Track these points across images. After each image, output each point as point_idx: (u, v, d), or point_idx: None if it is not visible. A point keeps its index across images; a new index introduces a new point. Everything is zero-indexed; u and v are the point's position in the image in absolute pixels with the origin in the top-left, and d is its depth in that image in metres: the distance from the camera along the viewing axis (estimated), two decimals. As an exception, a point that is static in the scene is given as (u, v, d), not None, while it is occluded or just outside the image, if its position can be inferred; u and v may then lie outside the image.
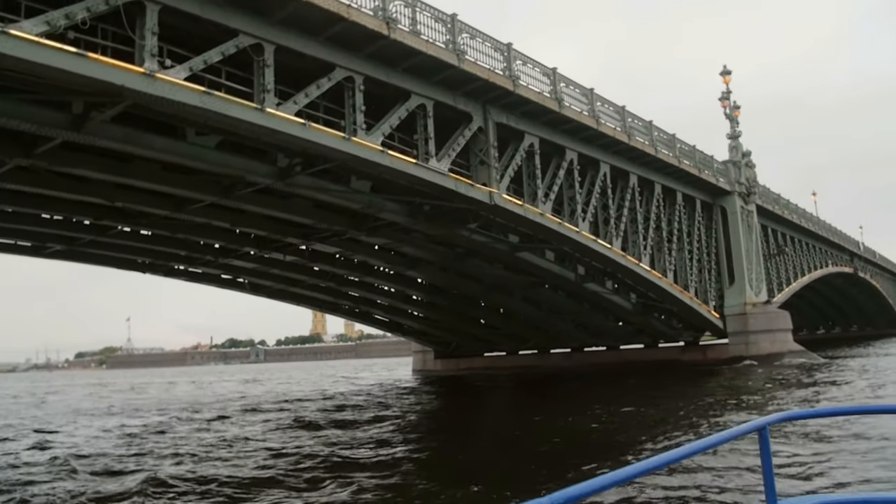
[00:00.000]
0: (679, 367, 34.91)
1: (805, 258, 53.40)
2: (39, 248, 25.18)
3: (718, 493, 8.19)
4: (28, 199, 19.57)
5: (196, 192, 19.53)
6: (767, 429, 3.27)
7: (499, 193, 21.42)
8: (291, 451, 13.24)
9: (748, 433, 3.18)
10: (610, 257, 27.33)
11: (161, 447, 14.82)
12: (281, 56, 15.84)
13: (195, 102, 13.79)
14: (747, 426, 3.18)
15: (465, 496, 9.00)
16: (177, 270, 30.76)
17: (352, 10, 16.12)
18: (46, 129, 14.52)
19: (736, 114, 40.13)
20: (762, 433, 3.25)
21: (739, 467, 9.18)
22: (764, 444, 3.26)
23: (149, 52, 13.11)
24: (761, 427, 3.23)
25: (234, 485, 10.12)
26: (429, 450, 14.20)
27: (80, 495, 9.71)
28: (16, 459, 13.71)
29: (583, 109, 25.12)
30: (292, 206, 21.82)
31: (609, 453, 11.55)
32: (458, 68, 19.26)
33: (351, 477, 10.16)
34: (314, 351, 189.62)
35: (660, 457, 2.48)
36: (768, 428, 3.28)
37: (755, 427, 3.21)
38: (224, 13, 14.46)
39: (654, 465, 2.44)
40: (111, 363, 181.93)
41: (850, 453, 10.04)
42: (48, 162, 16.40)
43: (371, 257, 28.60)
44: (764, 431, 3.26)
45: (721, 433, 2.97)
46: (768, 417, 3.34)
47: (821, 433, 11.46)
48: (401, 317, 40.83)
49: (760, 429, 3.23)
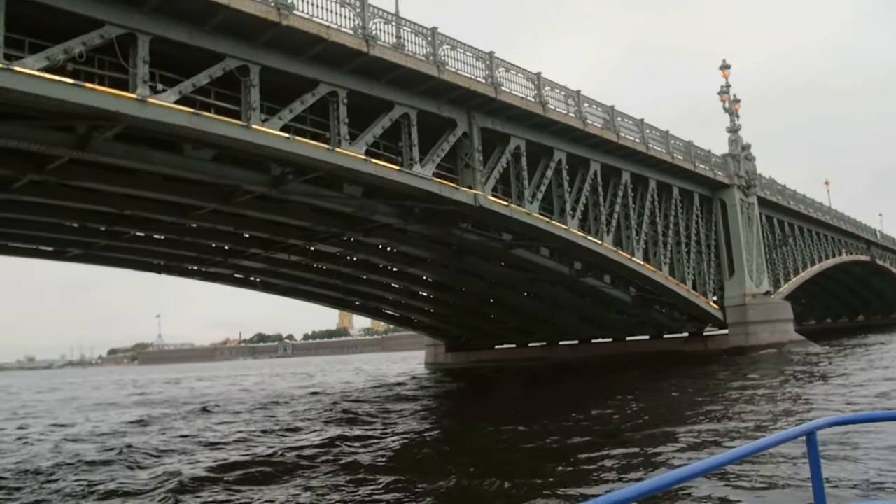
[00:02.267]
0: (678, 358, 35.71)
1: (815, 248, 53.54)
2: (59, 253, 26.92)
3: (761, 501, 7.75)
4: (45, 209, 21.17)
5: (198, 199, 20.97)
6: (816, 434, 3.16)
7: (484, 195, 22.54)
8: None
9: (796, 437, 3.10)
10: (600, 253, 28.30)
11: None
12: (267, 75, 17.14)
13: (184, 123, 15.15)
14: (795, 430, 3.10)
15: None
16: (190, 271, 32.40)
17: (331, 30, 17.35)
18: (54, 149, 16.02)
19: (736, 107, 40.65)
20: (810, 438, 3.13)
21: (782, 474, 8.62)
22: (812, 449, 3.13)
23: (141, 79, 14.49)
24: (810, 431, 3.12)
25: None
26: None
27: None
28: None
29: (569, 111, 26.09)
30: (290, 211, 23.17)
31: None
32: (438, 79, 20.41)
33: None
34: (341, 345, 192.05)
35: (704, 462, 2.45)
36: (817, 433, 3.16)
37: (803, 431, 3.11)
38: (211, 39, 15.79)
39: (698, 470, 2.39)
40: (142, 359, 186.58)
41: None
42: (59, 177, 17.91)
43: (372, 256, 29.89)
44: (812, 436, 3.14)
45: (768, 438, 2.94)
46: (817, 421, 3.22)
47: (869, 435, 10.34)
48: (410, 312, 42.16)
49: (809, 433, 3.12)
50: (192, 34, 15.48)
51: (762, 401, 16.45)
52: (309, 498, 9.14)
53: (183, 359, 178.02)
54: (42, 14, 13.58)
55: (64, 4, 13.56)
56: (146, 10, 14.57)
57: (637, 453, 10.65)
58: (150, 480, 10.61)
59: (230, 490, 9.67)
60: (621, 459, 10.32)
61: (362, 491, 9.28)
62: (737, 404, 16.18)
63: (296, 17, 16.55)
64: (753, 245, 38.46)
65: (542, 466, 10.16)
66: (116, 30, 14.22)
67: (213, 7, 15.11)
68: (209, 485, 10.00)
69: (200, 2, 14.87)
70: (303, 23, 16.72)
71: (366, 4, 18.43)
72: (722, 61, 40.15)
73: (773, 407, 15.18)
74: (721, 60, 40.31)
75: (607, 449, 11.07)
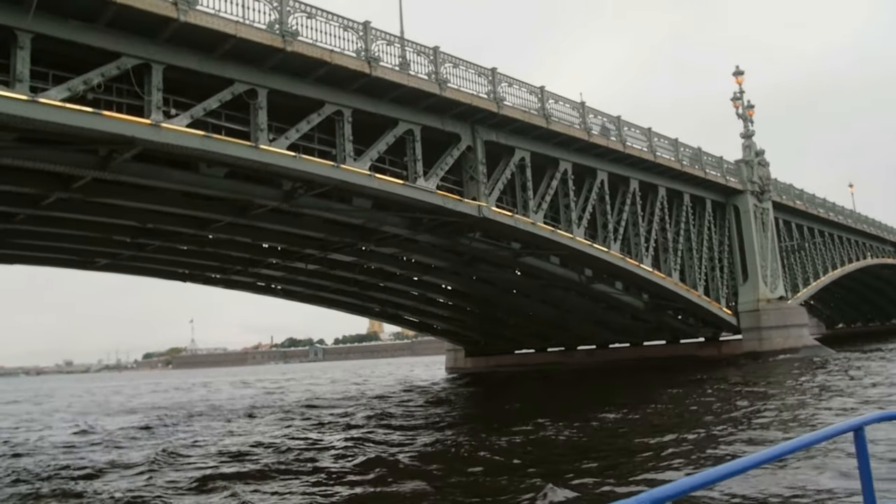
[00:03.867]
0: (690, 363, 36.04)
1: (837, 251, 53.30)
2: (88, 263, 28.41)
3: (808, 498, 7.66)
4: (72, 223, 22.55)
5: (214, 213, 22.17)
6: (864, 429, 3.12)
7: (487, 206, 23.37)
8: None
9: (844, 433, 3.05)
10: (607, 260, 28.90)
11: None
12: (274, 97, 18.21)
13: (196, 145, 16.27)
14: (843, 425, 3.06)
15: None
16: (213, 279, 33.73)
17: (334, 54, 18.37)
18: (78, 170, 17.28)
19: (749, 113, 40.90)
20: (859, 433, 3.09)
21: (828, 468, 8.61)
22: (861, 444, 3.09)
23: (155, 106, 15.63)
24: (858, 427, 3.09)
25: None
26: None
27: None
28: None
29: (574, 123, 26.80)
30: (304, 223, 24.26)
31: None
32: (440, 96, 21.32)
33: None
34: (371, 349, 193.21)
35: (750, 457, 2.43)
36: (865, 428, 3.12)
37: (851, 427, 3.07)
38: (220, 66, 16.90)
39: (743, 465, 2.37)
40: (176, 363, 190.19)
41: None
42: (84, 194, 19.19)
43: (386, 264, 30.89)
44: (861, 432, 3.10)
45: (815, 433, 2.89)
46: (866, 416, 3.18)
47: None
48: (428, 317, 43.09)
49: (857, 428, 3.08)
50: (203, 62, 16.59)
51: (755, 404, 17.02)
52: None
53: (215, 363, 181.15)
54: (64, 48, 14.78)
55: (84, 39, 14.75)
56: (159, 42, 15.71)
57: (607, 465, 11.38)
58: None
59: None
60: (601, 470, 11.07)
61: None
62: (729, 408, 16.78)
63: (300, 43, 17.59)
64: (768, 250, 38.64)
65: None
66: (132, 60, 15.38)
67: (222, 37, 16.21)
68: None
69: (210, 32, 15.97)
70: (307, 48, 17.75)
71: (368, 28, 19.42)
72: (735, 67, 40.51)
73: (756, 413, 15.75)
74: (734, 67, 40.68)
75: (591, 458, 11.82)
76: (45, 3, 13.79)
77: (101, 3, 14.32)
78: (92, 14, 14.56)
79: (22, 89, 13.71)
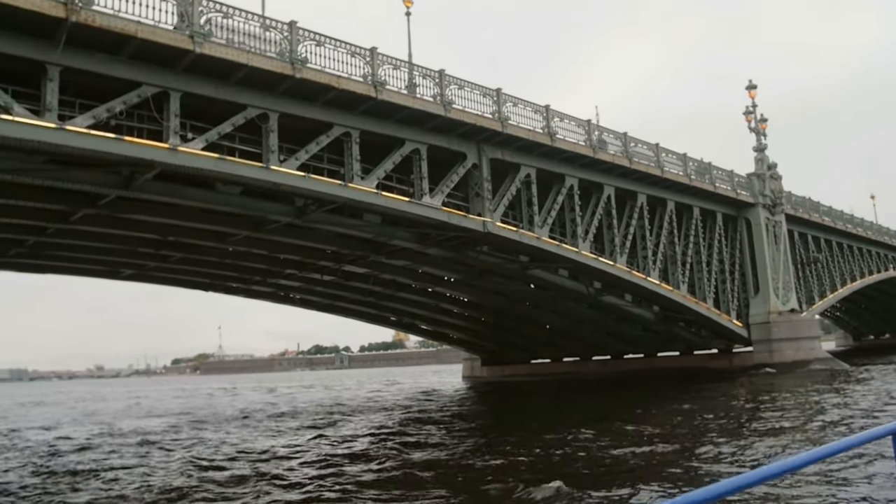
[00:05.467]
0: (699, 374, 36.46)
1: (857, 264, 53.18)
2: (114, 273, 29.87)
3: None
4: (99, 236, 23.94)
5: (232, 227, 23.38)
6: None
7: (492, 222, 24.26)
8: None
9: (881, 437, 3.00)
10: (613, 273, 29.60)
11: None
12: (285, 119, 19.35)
13: (210, 167, 17.45)
14: (880, 430, 2.99)
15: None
16: (234, 289, 35.05)
17: (341, 79, 19.47)
18: (103, 189, 18.57)
19: (763, 126, 41.28)
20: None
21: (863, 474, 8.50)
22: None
23: (172, 131, 16.84)
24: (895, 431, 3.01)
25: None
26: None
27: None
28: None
29: (579, 140, 27.60)
30: (317, 236, 25.40)
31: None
32: (445, 117, 22.31)
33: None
34: (396, 357, 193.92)
35: (783, 462, 2.39)
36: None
37: (889, 431, 3.00)
38: (234, 92, 18.07)
39: (777, 470, 2.34)
40: (204, 369, 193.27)
41: None
42: (109, 210, 20.49)
43: (399, 276, 31.92)
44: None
45: (851, 438, 2.82)
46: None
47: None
48: (443, 327, 44.04)
49: (895, 433, 3.01)
50: (218, 89, 17.78)
51: (741, 416, 17.68)
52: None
53: (242, 369, 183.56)
54: (89, 78, 16.04)
55: (108, 70, 16.02)
56: (177, 71, 16.92)
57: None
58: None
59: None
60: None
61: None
62: (722, 418, 17.46)
63: (308, 70, 18.71)
64: (780, 263, 38.90)
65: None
66: (151, 89, 16.61)
67: (235, 66, 17.39)
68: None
69: (223, 62, 17.15)
70: (315, 74, 18.87)
71: (375, 53, 20.49)
72: (748, 81, 40.94)
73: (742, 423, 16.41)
74: (748, 80, 41.13)
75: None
76: (73, 38, 15.07)
77: (124, 38, 15.57)
78: (116, 47, 15.80)
79: (51, 118, 14.98)
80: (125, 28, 15.36)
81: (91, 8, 14.86)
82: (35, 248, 25.15)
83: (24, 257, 26.76)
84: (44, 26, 14.59)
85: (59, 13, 14.46)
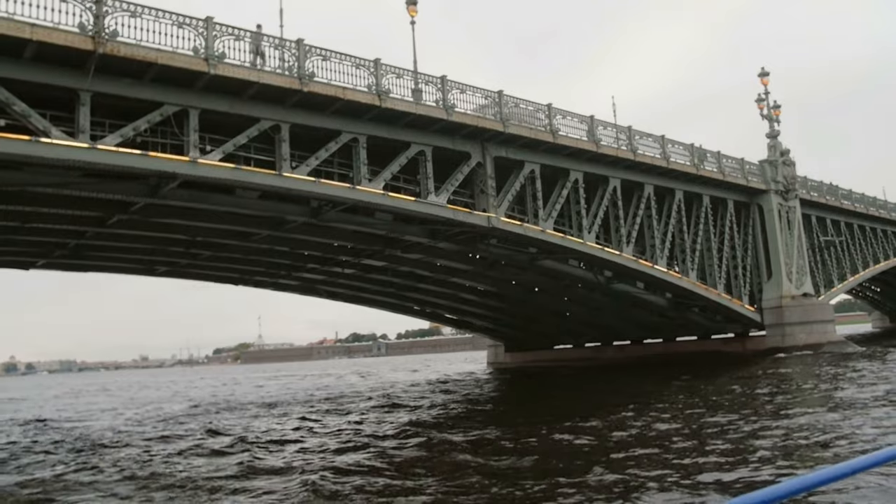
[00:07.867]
0: (714, 358, 37.40)
1: (882, 246, 53.16)
2: (150, 270, 32.09)
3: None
4: (133, 238, 26.05)
5: (254, 227, 25.23)
6: None
7: (497, 217, 25.65)
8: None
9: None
10: (620, 262, 30.75)
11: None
12: (296, 129, 21.01)
13: (228, 176, 19.21)
14: None
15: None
16: (261, 282, 37.08)
17: (347, 90, 21.04)
18: (133, 197, 20.51)
19: (776, 113, 41.75)
20: None
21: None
22: None
23: (192, 145, 18.62)
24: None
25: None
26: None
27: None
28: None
29: (582, 135, 28.76)
30: (334, 233, 27.09)
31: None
32: (448, 120, 23.73)
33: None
34: (433, 344, 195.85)
35: (826, 470, 2.23)
36: None
37: None
38: (247, 107, 19.78)
39: (832, 475, 2.21)
40: (245, 358, 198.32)
41: None
42: (140, 215, 22.48)
43: (416, 268, 33.52)
44: None
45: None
46: None
47: None
48: (465, 315, 45.60)
49: None
50: (233, 104, 19.50)
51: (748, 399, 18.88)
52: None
53: (281, 358, 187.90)
54: (116, 101, 17.89)
55: (133, 93, 17.84)
56: (195, 91, 18.68)
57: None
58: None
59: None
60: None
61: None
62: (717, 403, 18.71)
63: (315, 83, 20.32)
64: (794, 247, 39.48)
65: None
66: (172, 108, 18.40)
67: (247, 83, 19.09)
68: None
69: (236, 81, 18.86)
70: (322, 87, 20.47)
71: (379, 64, 22.01)
72: (760, 69, 41.41)
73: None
74: (760, 68, 41.59)
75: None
76: (101, 67, 16.90)
77: (146, 64, 17.36)
78: (139, 72, 17.60)
79: (84, 139, 16.85)
80: (146, 56, 17.14)
81: (116, 40, 16.65)
82: (76, 249, 27.39)
83: (67, 258, 29.10)
84: (75, 58, 16.44)
85: (88, 46, 16.28)
